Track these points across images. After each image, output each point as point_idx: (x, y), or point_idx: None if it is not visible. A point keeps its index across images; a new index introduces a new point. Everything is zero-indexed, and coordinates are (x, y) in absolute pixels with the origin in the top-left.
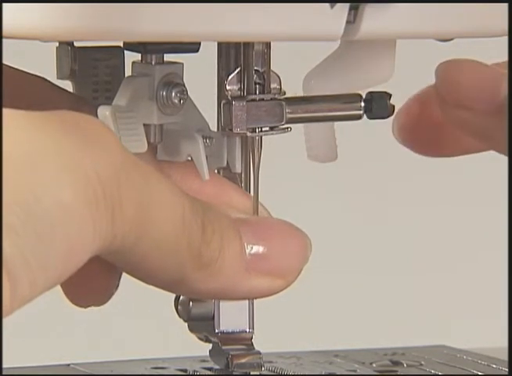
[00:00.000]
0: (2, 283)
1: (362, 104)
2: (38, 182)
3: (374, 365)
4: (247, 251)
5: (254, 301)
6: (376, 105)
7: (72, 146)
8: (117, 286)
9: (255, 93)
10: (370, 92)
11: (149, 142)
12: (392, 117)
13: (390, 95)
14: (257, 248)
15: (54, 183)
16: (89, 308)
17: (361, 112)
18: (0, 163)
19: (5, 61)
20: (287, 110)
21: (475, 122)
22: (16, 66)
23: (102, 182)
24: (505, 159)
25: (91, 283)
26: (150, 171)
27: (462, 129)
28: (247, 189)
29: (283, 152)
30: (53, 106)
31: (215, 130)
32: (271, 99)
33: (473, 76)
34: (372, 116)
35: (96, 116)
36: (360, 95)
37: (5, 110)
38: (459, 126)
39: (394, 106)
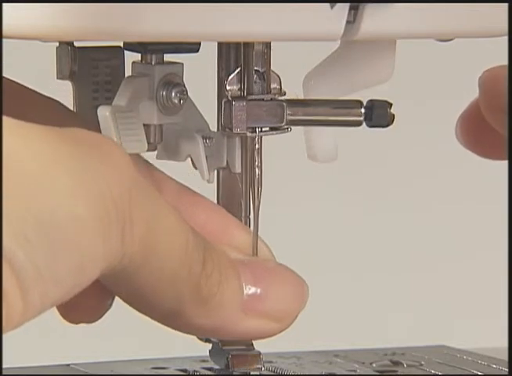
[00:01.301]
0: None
1: (363, 111)
2: (53, 194)
3: (374, 365)
4: (245, 291)
5: None
6: (377, 113)
7: (87, 162)
8: (110, 306)
9: (255, 93)
10: (371, 100)
11: (149, 142)
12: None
13: (391, 104)
14: (255, 290)
15: (68, 197)
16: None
17: (361, 119)
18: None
19: (5, 61)
20: (288, 112)
21: None
22: (15, 67)
23: (115, 200)
24: (505, 161)
25: (84, 301)
26: (159, 195)
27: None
28: (247, 189)
29: (283, 152)
30: None
31: (215, 130)
32: (271, 99)
33: None
34: (371, 124)
35: None
36: (361, 102)
37: (26, 124)
38: (502, 130)
39: (394, 115)
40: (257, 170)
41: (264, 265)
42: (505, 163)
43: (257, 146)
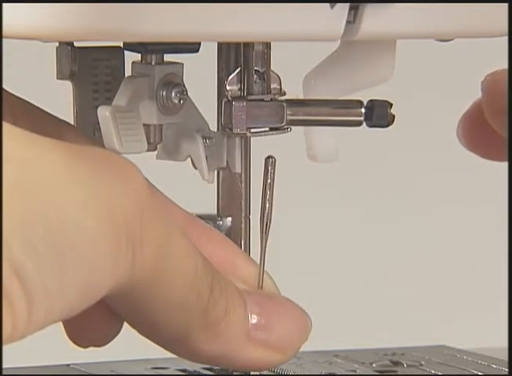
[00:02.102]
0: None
1: (363, 111)
2: (65, 206)
3: (374, 365)
4: (251, 320)
5: None
6: (377, 113)
7: (102, 180)
8: (120, 329)
9: (255, 93)
10: (371, 100)
11: (149, 142)
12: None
13: (391, 105)
14: (261, 320)
15: (80, 210)
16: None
17: (361, 118)
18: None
19: (5, 61)
20: (288, 112)
21: None
22: (15, 67)
23: (126, 219)
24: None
25: (93, 325)
26: (171, 219)
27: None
28: (247, 190)
29: (283, 152)
30: None
31: (215, 130)
32: (271, 99)
33: None
34: (371, 124)
35: None
36: (361, 102)
37: (49, 140)
38: (503, 132)
39: (394, 116)
40: (267, 204)
41: (269, 297)
42: (505, 163)
43: (268, 180)
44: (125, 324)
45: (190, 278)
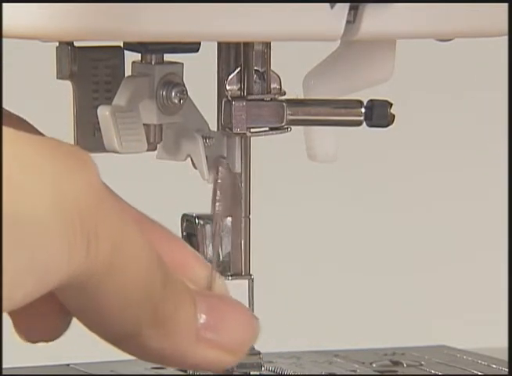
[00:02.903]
0: None
1: (363, 111)
2: (18, 195)
3: (374, 365)
4: (200, 320)
5: (255, 301)
6: (377, 113)
7: (56, 170)
8: (69, 324)
9: (255, 93)
10: (371, 100)
11: (149, 142)
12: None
13: (391, 104)
14: (210, 320)
15: (34, 199)
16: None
17: (361, 118)
18: None
19: (5, 61)
20: (288, 112)
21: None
22: (15, 67)
23: (81, 212)
24: (505, 161)
25: (43, 321)
26: (126, 215)
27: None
28: (247, 189)
29: (283, 152)
30: None
31: (215, 130)
32: (271, 99)
33: None
34: (371, 124)
35: None
36: (361, 102)
37: (8, 130)
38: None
39: (394, 116)
40: (217, 205)
41: (218, 298)
42: (505, 163)
43: (219, 180)
44: None
45: (144, 272)
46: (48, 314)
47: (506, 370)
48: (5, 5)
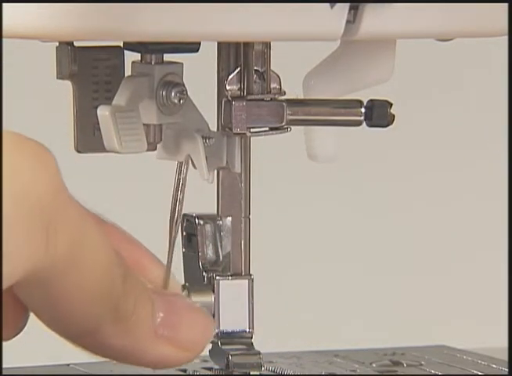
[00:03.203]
0: None
1: (363, 110)
2: None
3: (374, 365)
4: (157, 318)
5: (255, 301)
6: (377, 113)
7: (17, 165)
8: (25, 325)
9: (255, 93)
10: (371, 100)
11: (149, 142)
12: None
13: (391, 104)
14: (167, 318)
15: None
16: None
17: (361, 118)
18: None
19: (5, 61)
20: (288, 112)
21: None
22: (15, 67)
23: (41, 206)
24: (505, 161)
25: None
26: (84, 210)
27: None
28: (247, 189)
29: (283, 152)
30: None
31: (215, 130)
32: (271, 99)
33: None
34: (371, 124)
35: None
36: (361, 102)
37: None
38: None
39: (394, 116)
40: (178, 205)
41: (174, 298)
42: (505, 163)
43: (182, 175)
44: None
45: (104, 268)
46: (6, 311)
47: (506, 370)
48: (5, 5)
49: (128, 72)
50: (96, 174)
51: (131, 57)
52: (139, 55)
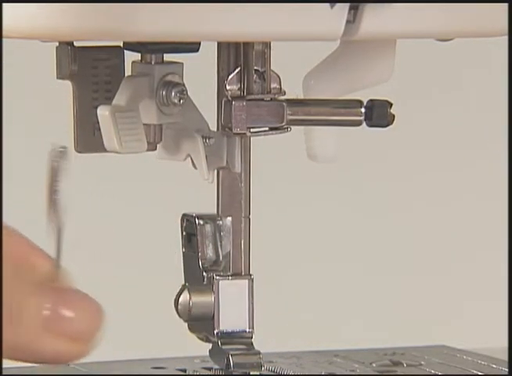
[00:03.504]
0: None
1: (363, 110)
2: None
3: (374, 365)
4: (44, 311)
5: (255, 301)
6: (377, 113)
7: None
8: None
9: (255, 93)
10: (371, 100)
11: (149, 142)
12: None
13: (391, 104)
14: (56, 311)
15: None
16: None
17: (361, 118)
18: None
19: (5, 61)
20: (288, 112)
21: None
22: (15, 67)
23: None
24: (505, 161)
25: None
26: None
27: None
28: (247, 189)
29: (283, 152)
30: None
31: (215, 130)
32: (271, 99)
33: None
34: (371, 124)
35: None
36: (361, 102)
37: None
38: None
39: (394, 116)
40: (54, 191)
41: (63, 290)
42: (505, 163)
43: (54, 165)
44: (122, 324)
45: None
46: None
47: (506, 370)
48: (4, 5)
49: (128, 72)
50: (96, 174)
51: (131, 57)
52: (139, 55)
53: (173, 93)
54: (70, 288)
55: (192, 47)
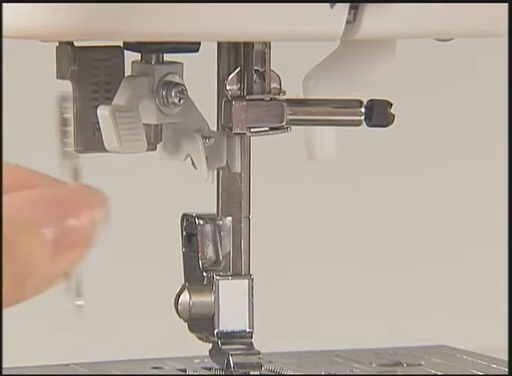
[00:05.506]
0: None
1: (363, 110)
2: None
3: (374, 365)
4: (47, 235)
5: (255, 301)
6: (377, 113)
7: None
8: None
9: (255, 93)
10: (371, 100)
11: (149, 142)
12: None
13: (391, 104)
14: (55, 229)
15: None
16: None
17: (361, 118)
18: None
19: (5, 61)
20: (288, 112)
21: None
22: (16, 67)
23: None
24: (505, 161)
25: None
26: None
27: None
28: (247, 189)
29: (283, 152)
30: None
31: (215, 130)
32: (271, 99)
33: None
34: (371, 124)
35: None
36: (361, 101)
37: None
38: None
39: (394, 116)
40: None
41: (57, 193)
42: (505, 163)
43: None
44: (122, 324)
45: None
46: None
47: (506, 370)
48: (4, 5)
49: (128, 72)
50: (96, 174)
51: (131, 57)
52: (139, 55)
53: (173, 93)
54: (62, 188)
55: (192, 47)
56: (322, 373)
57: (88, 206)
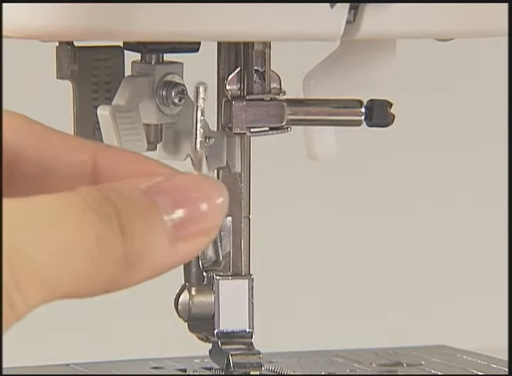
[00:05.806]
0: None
1: (363, 110)
2: None
3: (374, 365)
4: (168, 223)
5: (255, 301)
6: (377, 113)
7: None
8: None
9: (255, 93)
10: (371, 100)
11: (149, 142)
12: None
13: (391, 104)
14: (177, 215)
15: None
16: (89, 308)
17: (361, 118)
18: None
19: (5, 61)
20: (288, 112)
21: None
22: (16, 67)
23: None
24: (505, 160)
25: None
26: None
27: None
28: (247, 189)
29: (283, 152)
30: None
31: (215, 130)
32: (271, 99)
33: None
34: (371, 124)
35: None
36: (361, 102)
37: None
38: None
39: (394, 115)
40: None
41: (177, 182)
42: (505, 163)
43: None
44: (122, 324)
45: (93, 255)
46: None
47: (506, 370)
48: (4, 5)
49: (128, 72)
50: None
51: (131, 57)
52: (139, 55)
53: (173, 93)
54: (181, 177)
55: (192, 47)
56: (322, 373)
57: (208, 195)
